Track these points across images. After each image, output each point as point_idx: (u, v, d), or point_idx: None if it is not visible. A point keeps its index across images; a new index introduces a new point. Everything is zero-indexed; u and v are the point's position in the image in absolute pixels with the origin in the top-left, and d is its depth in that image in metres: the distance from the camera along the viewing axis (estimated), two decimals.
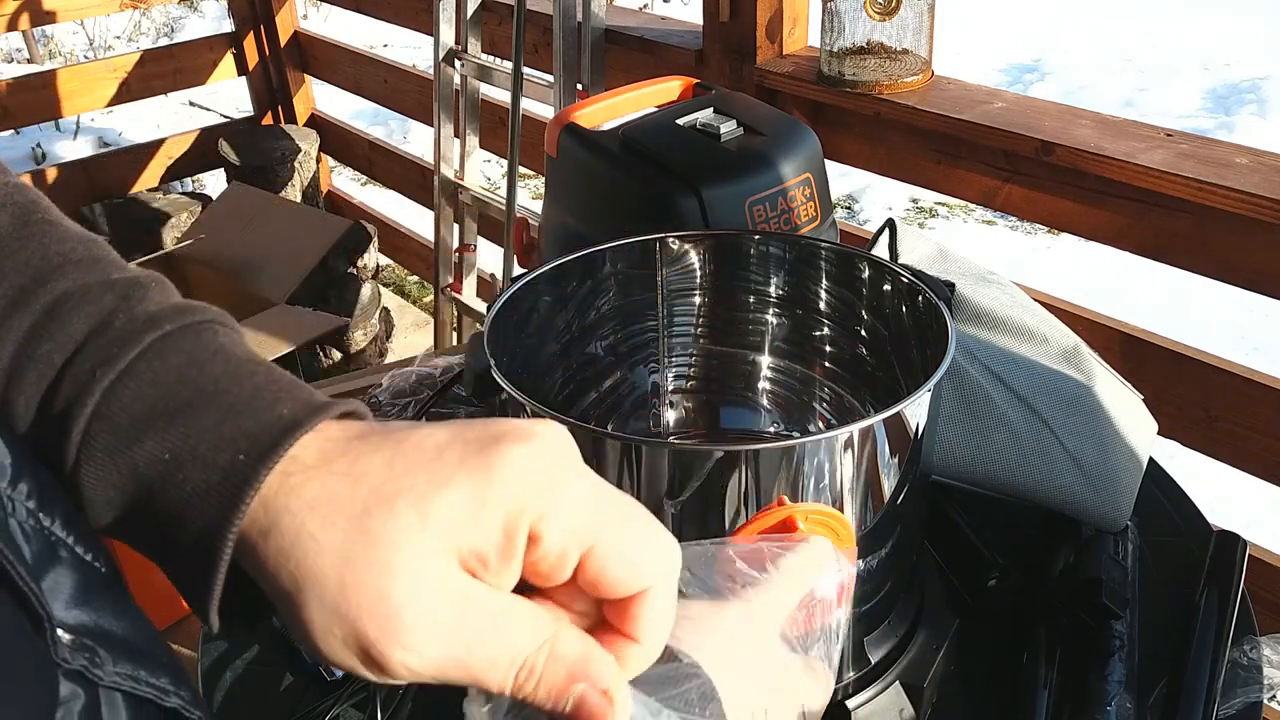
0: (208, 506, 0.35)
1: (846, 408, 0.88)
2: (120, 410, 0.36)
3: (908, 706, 0.74)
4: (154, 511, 0.36)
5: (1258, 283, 1.22)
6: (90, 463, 0.36)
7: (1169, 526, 0.92)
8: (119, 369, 0.36)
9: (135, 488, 0.36)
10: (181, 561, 0.37)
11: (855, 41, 1.45)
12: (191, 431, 0.36)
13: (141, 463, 0.36)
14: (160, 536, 0.37)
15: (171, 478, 0.35)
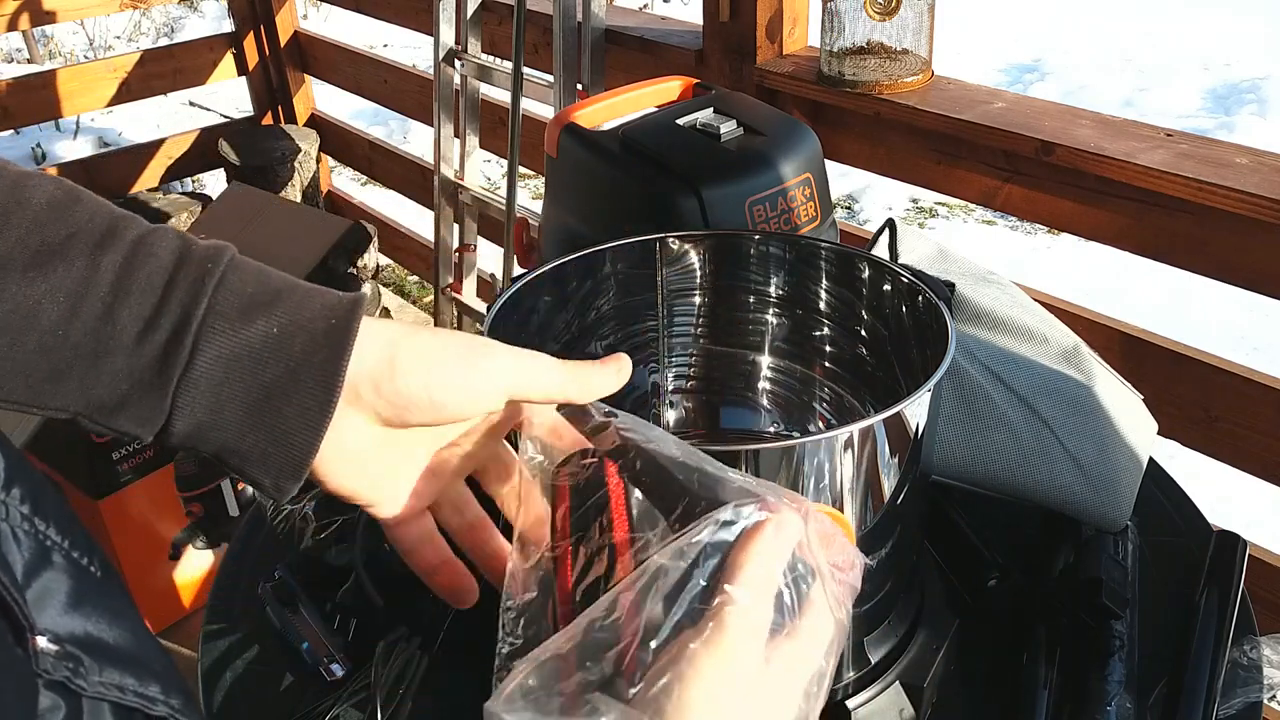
0: (318, 357, 0.47)
1: (846, 408, 0.88)
2: (228, 305, 0.46)
3: (908, 706, 0.74)
4: (262, 378, 0.46)
5: (1258, 283, 1.22)
6: (209, 346, 0.45)
7: (1169, 526, 0.92)
8: (220, 274, 0.46)
9: (249, 363, 0.46)
10: (288, 413, 0.47)
11: (855, 41, 1.45)
12: (288, 311, 0.47)
13: (255, 338, 0.46)
14: (263, 400, 0.46)
15: (282, 345, 0.46)
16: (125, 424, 0.46)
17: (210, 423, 0.46)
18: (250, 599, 0.88)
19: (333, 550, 0.89)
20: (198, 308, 0.45)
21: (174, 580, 1.85)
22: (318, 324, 0.47)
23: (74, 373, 0.45)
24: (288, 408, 0.46)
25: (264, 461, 0.47)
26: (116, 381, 0.45)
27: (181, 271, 0.46)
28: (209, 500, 1.83)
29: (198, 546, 1.86)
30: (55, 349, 0.44)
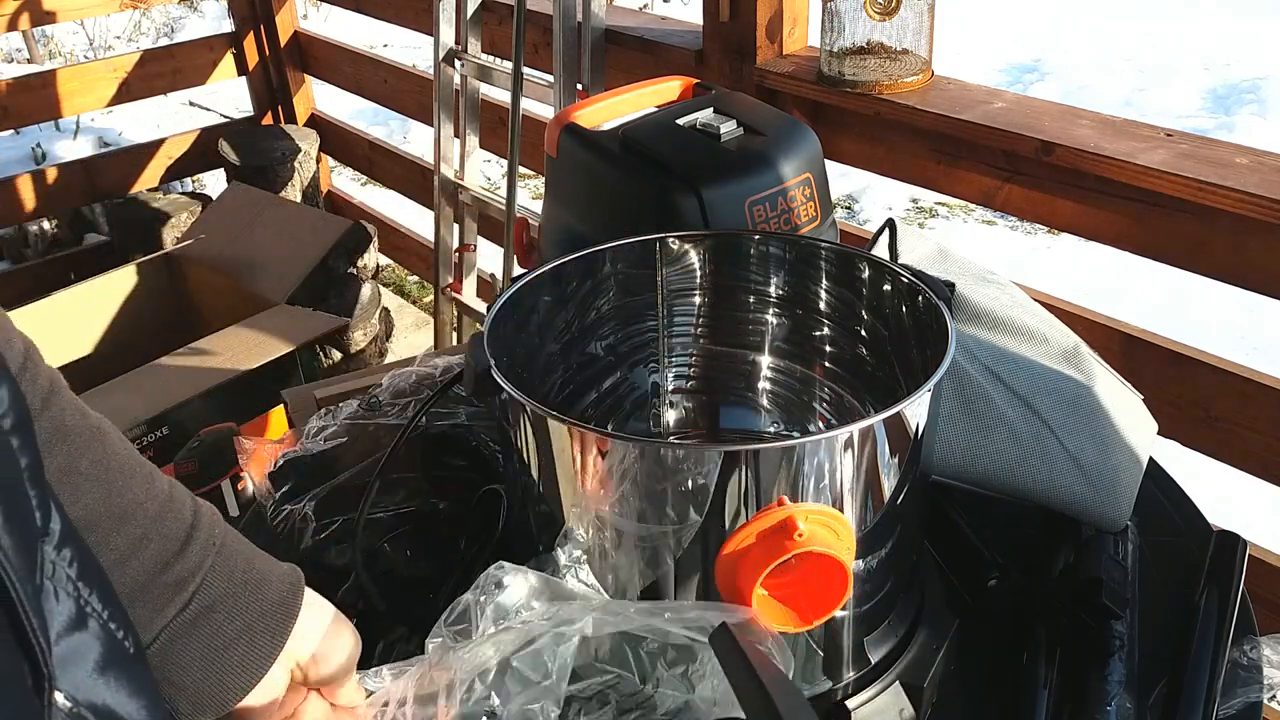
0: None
1: (846, 408, 0.88)
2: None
3: (908, 706, 0.74)
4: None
5: (1258, 283, 1.22)
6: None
7: (1169, 526, 0.91)
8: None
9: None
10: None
11: (855, 41, 1.45)
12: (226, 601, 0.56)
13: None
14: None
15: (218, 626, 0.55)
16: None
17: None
18: None
19: (333, 550, 0.89)
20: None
21: None
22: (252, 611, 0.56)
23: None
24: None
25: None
26: None
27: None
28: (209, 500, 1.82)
29: None
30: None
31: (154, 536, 0.53)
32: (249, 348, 1.85)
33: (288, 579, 0.58)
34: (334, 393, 1.13)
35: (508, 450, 0.76)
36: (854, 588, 0.67)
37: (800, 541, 0.59)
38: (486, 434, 0.94)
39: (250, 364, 1.81)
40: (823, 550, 0.60)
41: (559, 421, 0.64)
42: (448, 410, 0.96)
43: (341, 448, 0.94)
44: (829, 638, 0.71)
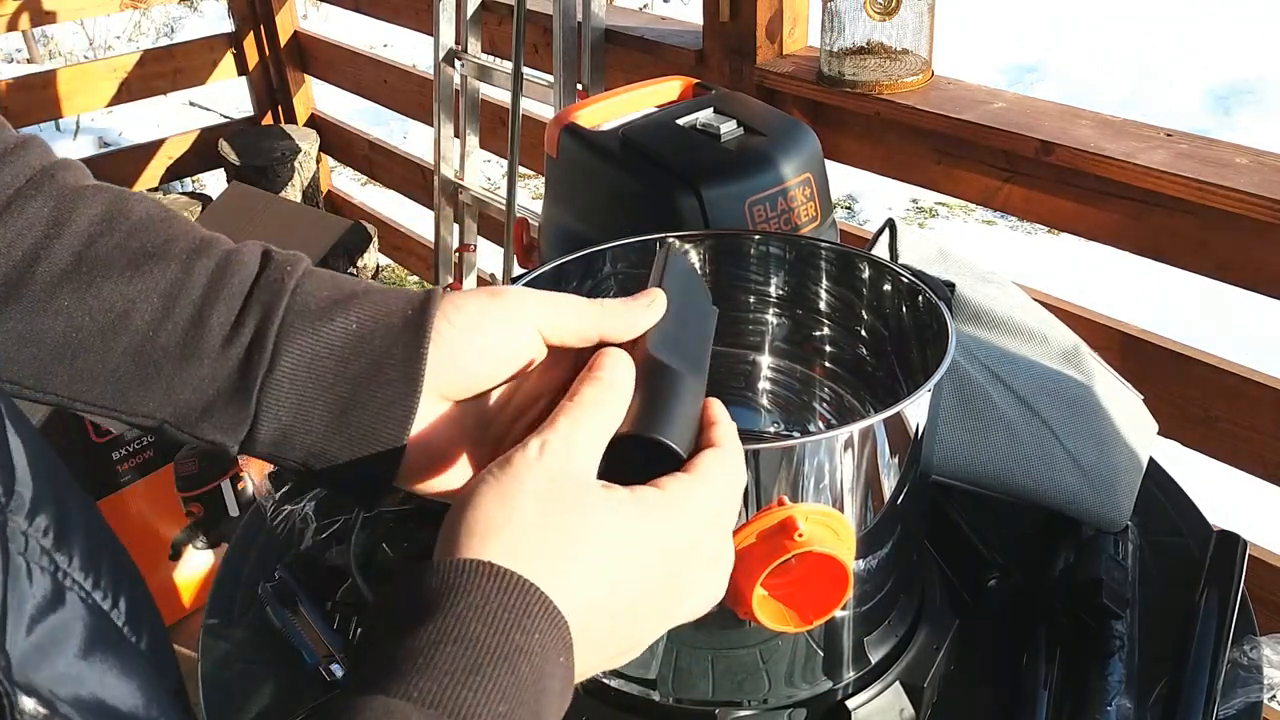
0: (398, 350, 0.47)
1: (846, 408, 0.88)
2: (307, 304, 0.47)
3: (908, 706, 0.74)
4: (345, 375, 0.47)
5: (1258, 283, 1.22)
6: (290, 346, 0.46)
7: (1169, 526, 0.91)
8: (298, 278, 0.48)
9: (330, 362, 0.47)
10: (374, 409, 0.47)
11: (855, 41, 1.45)
12: (366, 308, 0.47)
13: (335, 335, 0.47)
14: (348, 398, 0.47)
15: (362, 341, 0.47)
16: (210, 432, 0.47)
17: (296, 426, 0.47)
18: (250, 599, 0.88)
19: (333, 550, 0.89)
20: (278, 307, 0.46)
21: (174, 580, 1.85)
22: (395, 318, 0.47)
23: (161, 377, 0.46)
24: (371, 401, 0.47)
25: (353, 466, 0.47)
26: (202, 387, 0.46)
27: (263, 275, 0.47)
28: (209, 500, 1.83)
29: (198, 546, 1.86)
30: (144, 352, 0.46)
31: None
32: None
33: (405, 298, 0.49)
34: None
35: None
36: (854, 588, 0.67)
37: (800, 541, 0.59)
38: None
39: None
40: (823, 550, 0.60)
41: None
42: None
43: None
44: (829, 638, 0.71)
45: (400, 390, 0.47)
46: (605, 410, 0.44)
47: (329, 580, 0.87)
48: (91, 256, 0.45)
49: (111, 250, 0.46)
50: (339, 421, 0.47)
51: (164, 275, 0.46)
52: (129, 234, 0.47)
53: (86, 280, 0.45)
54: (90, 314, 0.45)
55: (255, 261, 0.48)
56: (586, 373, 0.45)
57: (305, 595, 0.86)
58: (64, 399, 0.47)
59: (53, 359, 0.45)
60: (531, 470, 0.41)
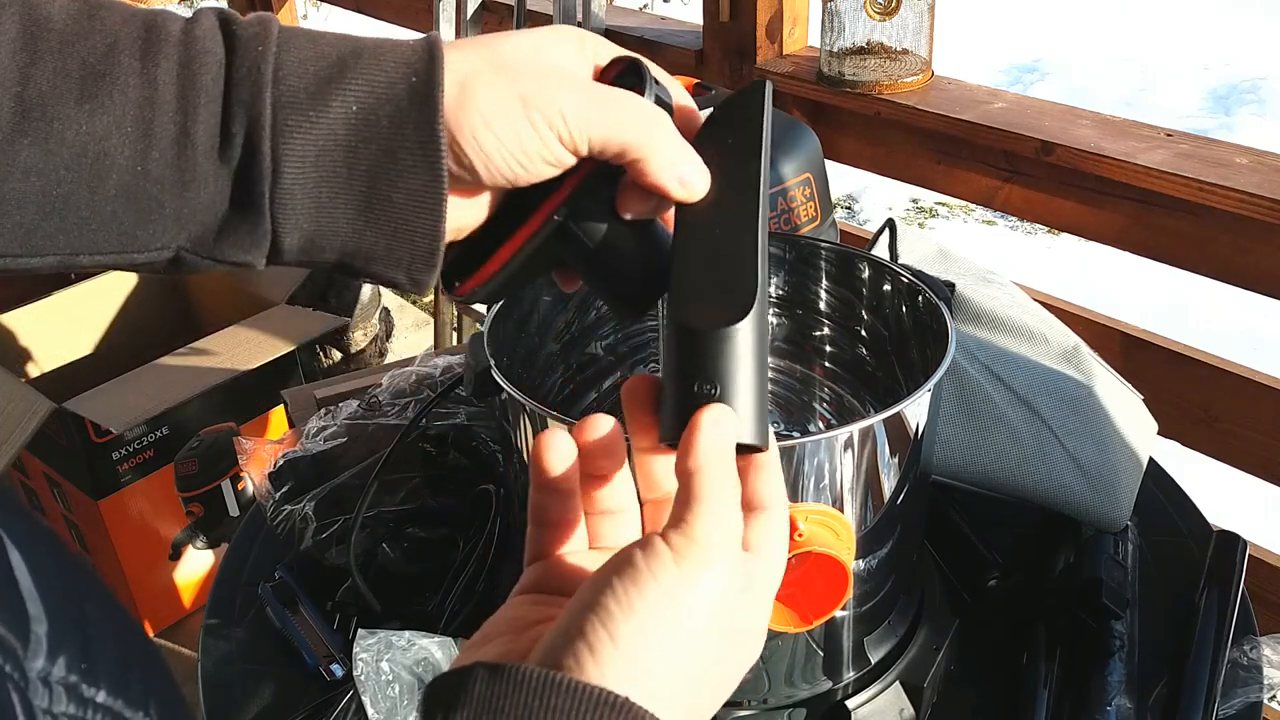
0: (409, 128, 0.40)
1: (846, 408, 0.88)
2: (294, 90, 0.40)
3: (908, 706, 0.74)
4: (359, 168, 0.41)
5: (1258, 283, 1.22)
6: (290, 149, 0.40)
7: (1169, 526, 0.91)
8: (273, 59, 0.40)
9: (339, 155, 0.41)
10: (398, 198, 0.41)
11: (855, 41, 1.45)
12: (360, 81, 0.41)
13: (335, 123, 0.40)
14: (369, 192, 0.41)
15: (367, 125, 0.40)
16: (231, 253, 0.42)
17: (321, 230, 0.42)
18: (250, 599, 0.88)
19: (333, 550, 0.89)
20: (263, 105, 0.40)
21: (174, 580, 1.85)
22: (398, 88, 0.41)
23: (165, 210, 0.40)
24: (396, 194, 0.41)
25: (390, 258, 0.42)
26: (212, 207, 0.41)
27: (235, 64, 0.40)
28: (209, 500, 1.83)
29: (198, 546, 1.86)
30: (138, 189, 0.40)
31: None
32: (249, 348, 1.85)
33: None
34: (334, 393, 1.13)
35: (508, 450, 0.76)
36: (854, 588, 0.67)
37: (800, 541, 0.59)
38: (486, 434, 0.94)
39: (250, 364, 1.81)
40: (823, 550, 0.60)
41: (559, 421, 0.65)
42: (448, 410, 0.96)
43: (341, 448, 0.95)
44: (829, 638, 0.71)
45: (421, 179, 0.41)
46: (729, 496, 0.38)
47: (329, 580, 0.87)
48: (33, 97, 0.38)
49: (53, 82, 0.39)
50: (365, 219, 0.42)
51: (125, 97, 0.39)
52: (62, 54, 0.39)
53: (41, 127, 0.38)
54: (64, 165, 0.39)
55: (219, 46, 0.40)
56: (707, 436, 0.38)
57: (305, 595, 0.86)
58: (66, 257, 0.41)
59: (41, 219, 0.40)
60: (690, 593, 0.36)
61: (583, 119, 0.42)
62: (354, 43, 0.42)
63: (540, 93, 0.41)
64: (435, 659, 0.72)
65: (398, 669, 0.71)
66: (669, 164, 0.43)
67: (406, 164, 0.41)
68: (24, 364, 1.95)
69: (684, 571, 0.36)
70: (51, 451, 1.74)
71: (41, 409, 1.62)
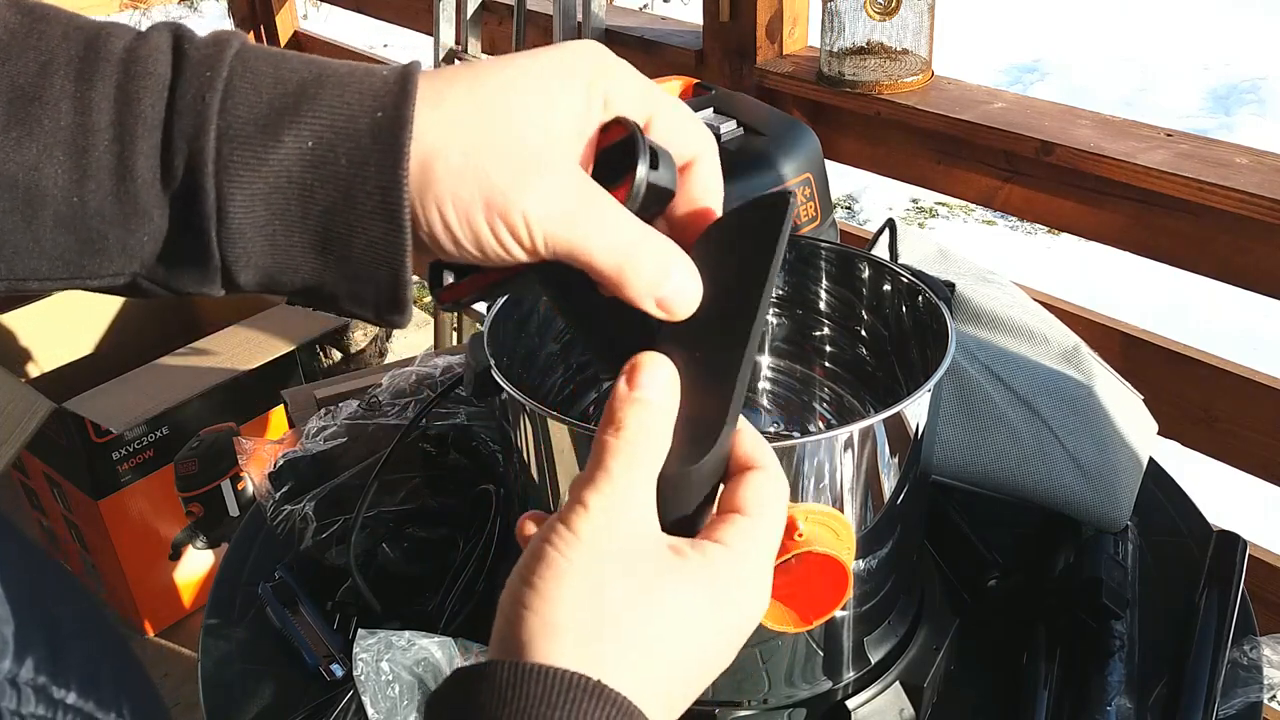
0: (370, 170, 0.36)
1: (846, 408, 0.88)
2: (243, 123, 0.36)
3: (908, 706, 0.74)
4: (314, 209, 0.37)
5: (1258, 283, 1.22)
6: (236, 187, 0.36)
7: (1169, 526, 0.91)
8: (223, 85, 0.36)
9: (290, 194, 0.37)
10: (357, 245, 0.37)
11: (855, 41, 1.45)
12: (320, 113, 0.36)
13: (289, 160, 0.36)
14: (325, 235, 0.37)
15: (323, 162, 0.36)
16: (185, 284, 0.39)
17: (279, 266, 0.38)
18: (250, 599, 0.88)
19: (333, 550, 0.89)
20: (205, 140, 0.36)
21: (174, 580, 1.85)
22: (360, 123, 0.36)
23: (110, 242, 0.37)
24: (354, 240, 0.37)
25: (356, 299, 0.39)
26: (159, 239, 0.37)
27: (179, 89, 0.36)
28: (209, 500, 1.83)
29: (198, 546, 1.86)
30: (77, 220, 0.36)
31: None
32: (249, 348, 1.85)
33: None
34: (334, 393, 1.13)
35: (508, 450, 0.76)
36: (854, 588, 0.67)
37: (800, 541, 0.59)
38: (486, 434, 0.94)
39: (250, 364, 1.81)
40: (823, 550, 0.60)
41: (559, 421, 0.64)
42: (448, 410, 0.96)
43: (341, 448, 0.94)
44: (829, 638, 0.71)
45: (383, 229, 0.37)
46: (656, 442, 0.39)
47: (329, 580, 0.87)
48: None
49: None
50: (324, 262, 0.38)
51: (56, 124, 0.36)
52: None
53: None
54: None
55: (165, 67, 0.37)
56: (625, 391, 0.39)
57: (305, 595, 0.86)
58: (12, 283, 0.38)
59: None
60: (596, 543, 0.37)
61: (548, 230, 0.38)
62: (320, 69, 0.38)
63: (506, 193, 0.37)
64: (435, 659, 0.72)
65: (398, 669, 0.71)
66: (646, 289, 0.39)
67: (364, 209, 0.37)
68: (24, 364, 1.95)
69: (572, 528, 0.37)
70: (51, 451, 1.74)
71: (41, 409, 1.62)
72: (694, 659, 0.38)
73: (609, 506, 0.37)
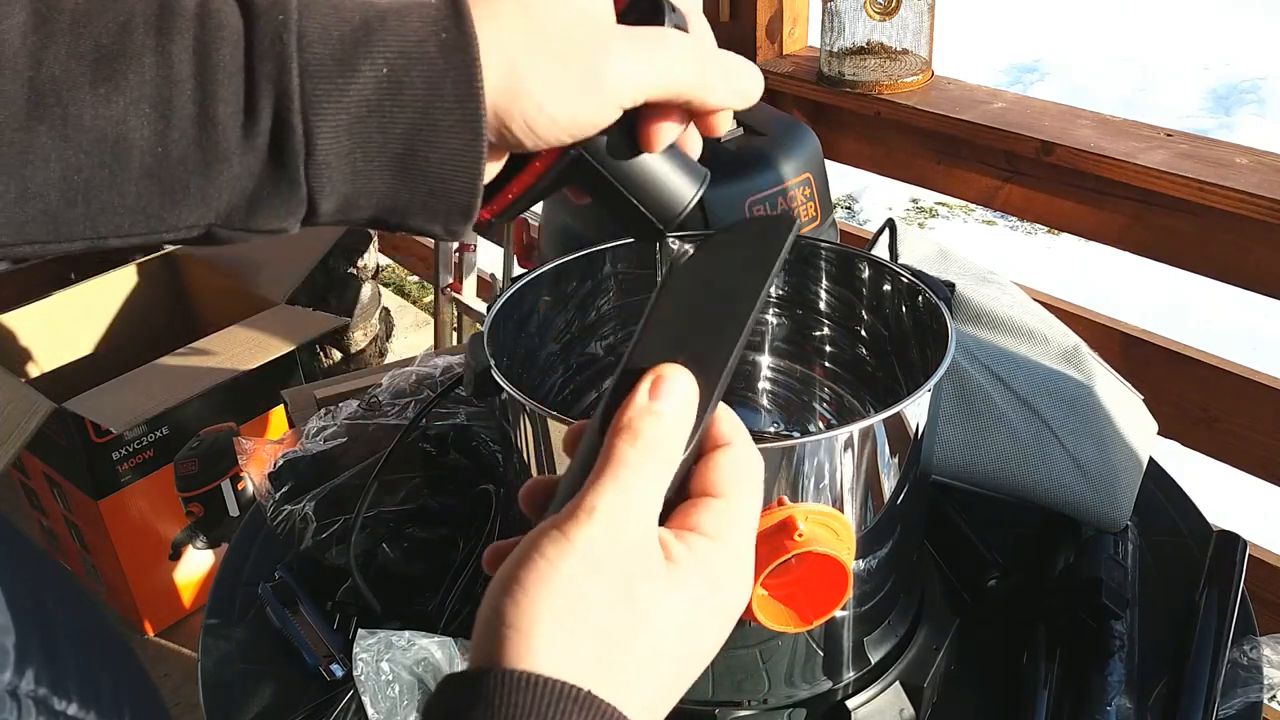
0: (446, 87, 0.39)
1: (846, 408, 0.88)
2: (320, 59, 0.39)
3: (908, 706, 0.74)
4: (395, 131, 0.40)
5: (1258, 283, 1.22)
6: (322, 120, 0.39)
7: (1169, 526, 0.91)
8: (295, 26, 0.39)
9: (373, 122, 0.40)
10: (435, 158, 0.41)
11: (855, 41, 1.45)
12: (388, 41, 0.39)
13: (367, 89, 0.39)
14: (405, 154, 0.40)
15: (399, 87, 0.39)
16: (264, 223, 0.41)
17: (357, 191, 0.41)
18: (250, 599, 0.88)
19: (333, 550, 0.89)
20: (289, 78, 0.38)
21: (174, 580, 1.85)
22: (428, 45, 0.40)
23: (190, 190, 0.39)
24: (434, 154, 0.41)
25: (427, 212, 0.42)
26: (241, 185, 0.40)
27: (254, 36, 0.39)
28: (209, 500, 1.83)
29: (198, 546, 1.86)
30: (161, 170, 0.39)
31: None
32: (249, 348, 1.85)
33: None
34: (334, 393, 1.13)
35: (508, 450, 0.76)
36: (854, 588, 0.67)
37: (800, 541, 0.59)
38: (486, 434, 0.94)
39: (250, 364, 1.81)
40: (823, 550, 0.60)
41: (559, 421, 0.65)
42: (448, 410, 0.96)
43: (341, 448, 0.95)
44: (829, 638, 0.71)
45: (461, 138, 0.40)
46: (671, 456, 0.40)
47: (329, 580, 0.87)
48: (46, 82, 0.37)
49: (66, 65, 0.37)
50: (402, 181, 0.41)
51: (141, 77, 0.38)
52: (74, 34, 0.38)
53: (57, 113, 0.37)
54: (83, 150, 0.38)
55: (236, 17, 0.39)
56: (645, 402, 0.40)
57: (305, 595, 0.86)
58: (92, 240, 0.40)
59: (64, 206, 0.39)
60: (590, 552, 0.37)
61: (636, 79, 0.42)
62: (374, 4, 0.41)
63: (588, 63, 0.41)
64: (435, 659, 0.72)
65: (398, 669, 0.71)
66: (727, 87, 0.44)
67: (444, 124, 0.40)
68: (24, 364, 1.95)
69: (570, 534, 0.37)
70: (51, 451, 1.74)
71: (41, 409, 1.62)
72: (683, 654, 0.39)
73: (613, 516, 0.37)
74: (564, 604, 0.36)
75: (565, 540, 0.37)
